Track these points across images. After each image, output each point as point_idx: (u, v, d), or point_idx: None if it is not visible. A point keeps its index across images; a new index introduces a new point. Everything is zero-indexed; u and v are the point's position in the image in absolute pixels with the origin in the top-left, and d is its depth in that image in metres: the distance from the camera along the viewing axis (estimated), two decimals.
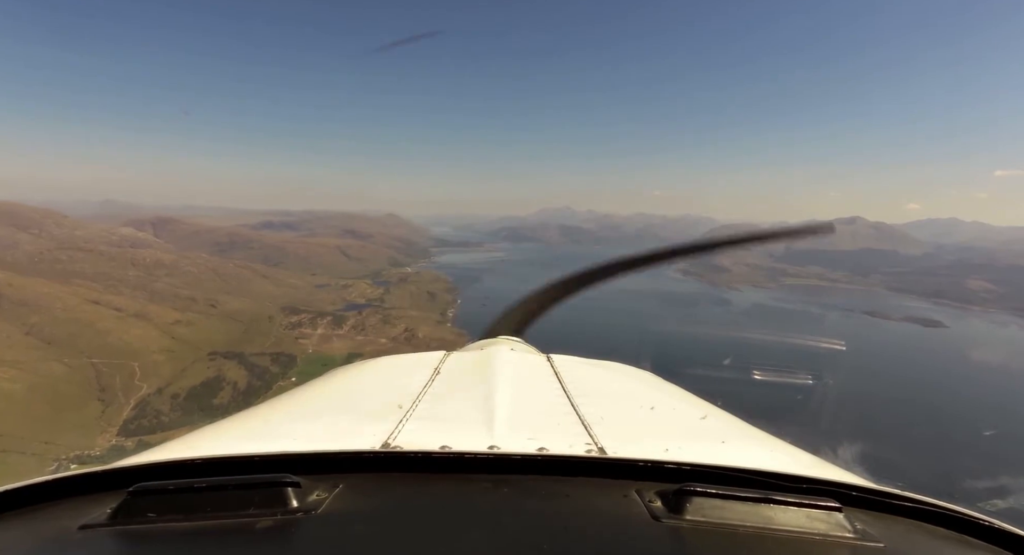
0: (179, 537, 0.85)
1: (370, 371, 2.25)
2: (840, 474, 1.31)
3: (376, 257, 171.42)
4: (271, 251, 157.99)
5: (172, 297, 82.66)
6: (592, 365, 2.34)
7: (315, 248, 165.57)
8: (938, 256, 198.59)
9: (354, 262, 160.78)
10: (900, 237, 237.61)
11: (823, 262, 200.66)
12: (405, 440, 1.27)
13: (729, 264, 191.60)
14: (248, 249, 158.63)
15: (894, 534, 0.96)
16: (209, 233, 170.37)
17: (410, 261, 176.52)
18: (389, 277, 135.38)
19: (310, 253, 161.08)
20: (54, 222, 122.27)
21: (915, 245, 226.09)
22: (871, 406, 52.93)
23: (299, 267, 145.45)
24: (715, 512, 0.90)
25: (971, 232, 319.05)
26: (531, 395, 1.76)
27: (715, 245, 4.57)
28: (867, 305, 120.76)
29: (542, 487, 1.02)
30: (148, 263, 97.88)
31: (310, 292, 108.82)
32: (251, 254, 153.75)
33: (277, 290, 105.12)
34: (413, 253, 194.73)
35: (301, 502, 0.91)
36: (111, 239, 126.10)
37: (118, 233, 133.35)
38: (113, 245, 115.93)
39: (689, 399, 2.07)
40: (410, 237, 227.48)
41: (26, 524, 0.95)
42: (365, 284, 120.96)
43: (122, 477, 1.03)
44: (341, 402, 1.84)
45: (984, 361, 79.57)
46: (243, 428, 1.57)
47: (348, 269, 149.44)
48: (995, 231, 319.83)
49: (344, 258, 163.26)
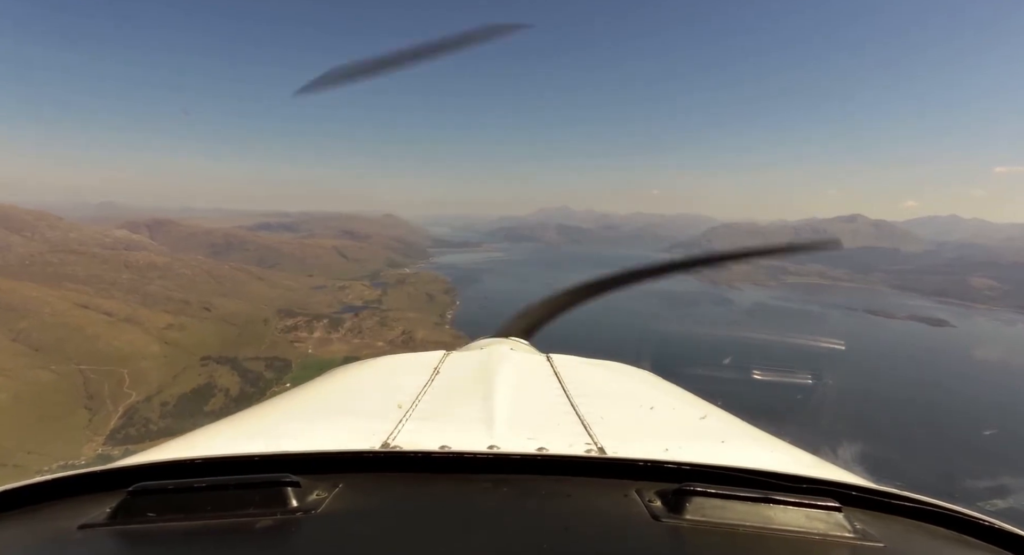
0: (179, 537, 0.85)
1: (370, 371, 2.25)
2: (840, 474, 1.32)
3: (374, 258, 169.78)
4: (267, 253, 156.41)
5: (165, 300, 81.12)
6: (592, 365, 2.34)
7: (312, 249, 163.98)
8: (939, 254, 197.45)
9: (351, 263, 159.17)
10: (901, 235, 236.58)
11: (824, 260, 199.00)
12: (405, 440, 1.28)
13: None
14: (244, 251, 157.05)
15: (894, 534, 0.96)
16: (205, 235, 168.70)
17: (408, 262, 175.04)
18: (387, 278, 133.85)
19: (307, 254, 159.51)
20: (48, 224, 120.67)
21: (916, 243, 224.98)
22: (871, 405, 52.76)
23: (295, 269, 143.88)
24: (715, 512, 0.90)
25: (971, 229, 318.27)
26: (531, 395, 1.77)
27: (726, 257, 4.55)
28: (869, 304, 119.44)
29: (542, 487, 1.03)
30: (141, 265, 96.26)
31: (306, 294, 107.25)
32: (247, 256, 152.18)
33: (273, 292, 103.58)
34: (411, 254, 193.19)
35: (301, 502, 0.91)
36: (105, 242, 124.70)
37: (112, 235, 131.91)
38: (107, 247, 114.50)
39: (689, 399, 2.08)
40: (408, 238, 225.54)
41: (26, 524, 0.95)
42: (362, 285, 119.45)
43: (122, 477, 1.04)
44: (341, 402, 1.85)
45: (987, 360, 78.59)
46: (242, 428, 1.57)
47: (345, 270, 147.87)
48: (995, 228, 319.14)
49: (341, 259, 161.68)
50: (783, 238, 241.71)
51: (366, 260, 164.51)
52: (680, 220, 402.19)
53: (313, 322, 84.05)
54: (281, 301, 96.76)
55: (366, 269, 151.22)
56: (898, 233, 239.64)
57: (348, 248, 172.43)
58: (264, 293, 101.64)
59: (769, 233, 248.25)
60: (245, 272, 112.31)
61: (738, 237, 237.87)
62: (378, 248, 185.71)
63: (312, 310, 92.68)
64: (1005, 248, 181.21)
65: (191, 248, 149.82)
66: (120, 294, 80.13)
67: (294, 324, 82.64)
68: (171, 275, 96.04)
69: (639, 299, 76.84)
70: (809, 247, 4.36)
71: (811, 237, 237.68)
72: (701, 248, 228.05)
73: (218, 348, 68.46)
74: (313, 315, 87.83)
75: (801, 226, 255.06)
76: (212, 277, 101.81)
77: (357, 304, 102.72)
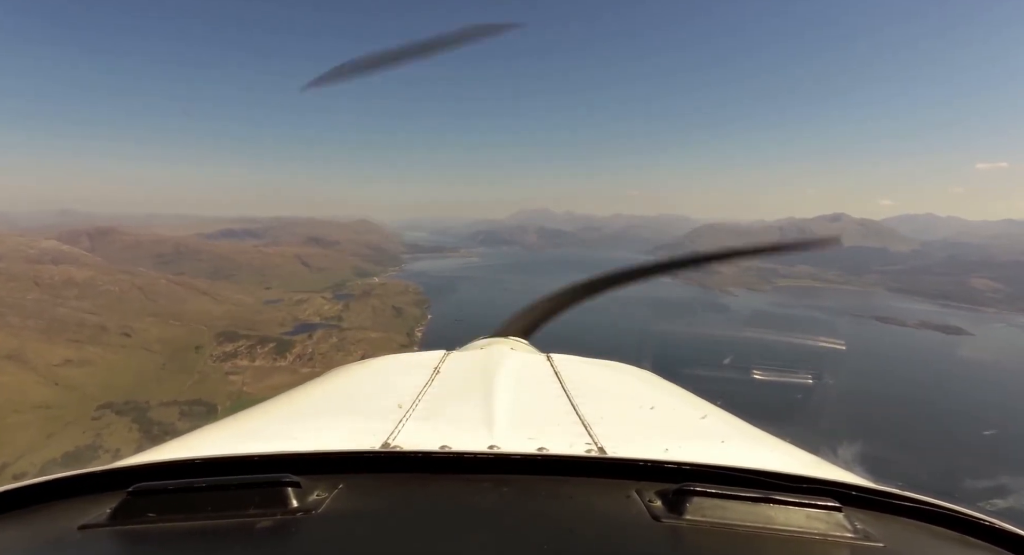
0: (179, 537, 0.85)
1: (370, 371, 2.26)
2: (840, 474, 1.32)
3: (340, 267, 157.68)
4: (222, 263, 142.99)
5: (75, 326, 68.00)
6: (592, 365, 2.35)
7: (272, 258, 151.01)
8: (927, 253, 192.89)
9: (315, 273, 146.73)
10: (888, 234, 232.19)
11: (813, 261, 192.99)
12: (405, 440, 1.28)
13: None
14: (196, 261, 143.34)
15: (894, 534, 0.96)
16: (153, 244, 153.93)
17: (379, 270, 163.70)
18: (352, 289, 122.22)
19: (266, 264, 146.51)
20: None
21: (903, 242, 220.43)
22: (871, 406, 52.22)
23: (252, 280, 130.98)
24: (715, 512, 0.91)
25: (951, 227, 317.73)
26: (531, 395, 1.77)
27: (727, 255, 4.57)
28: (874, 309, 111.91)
29: (542, 487, 1.03)
30: (56, 283, 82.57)
31: (256, 310, 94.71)
32: (198, 266, 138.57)
33: (217, 309, 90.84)
34: (383, 261, 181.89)
35: (301, 502, 0.91)
36: (29, 254, 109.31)
37: (38, 247, 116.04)
38: (30, 261, 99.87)
39: (689, 399, 2.09)
40: (381, 244, 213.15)
41: (25, 524, 0.96)
42: (322, 299, 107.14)
43: (121, 477, 1.04)
44: (341, 402, 1.85)
45: (993, 363, 76.25)
46: (243, 428, 1.57)
47: (307, 281, 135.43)
48: (974, 226, 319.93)
49: (304, 269, 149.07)
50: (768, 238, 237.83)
51: (331, 269, 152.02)
52: (662, 221, 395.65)
53: (257, 347, 71.78)
54: (225, 320, 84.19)
55: (330, 279, 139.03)
56: (885, 232, 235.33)
57: (312, 256, 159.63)
58: (206, 311, 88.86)
59: (753, 233, 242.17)
60: (187, 286, 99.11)
61: (722, 237, 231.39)
62: (347, 256, 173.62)
63: (259, 330, 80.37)
64: (994, 246, 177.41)
65: (135, 259, 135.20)
66: (17, 320, 66.05)
67: (233, 350, 70.29)
68: (92, 293, 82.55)
69: (630, 306, 68.10)
70: (809, 245, 4.37)
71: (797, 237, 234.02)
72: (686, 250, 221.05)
73: (127, 389, 55.74)
74: (259, 337, 75.48)
75: (784, 225, 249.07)
76: (144, 293, 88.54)
77: (313, 321, 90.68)
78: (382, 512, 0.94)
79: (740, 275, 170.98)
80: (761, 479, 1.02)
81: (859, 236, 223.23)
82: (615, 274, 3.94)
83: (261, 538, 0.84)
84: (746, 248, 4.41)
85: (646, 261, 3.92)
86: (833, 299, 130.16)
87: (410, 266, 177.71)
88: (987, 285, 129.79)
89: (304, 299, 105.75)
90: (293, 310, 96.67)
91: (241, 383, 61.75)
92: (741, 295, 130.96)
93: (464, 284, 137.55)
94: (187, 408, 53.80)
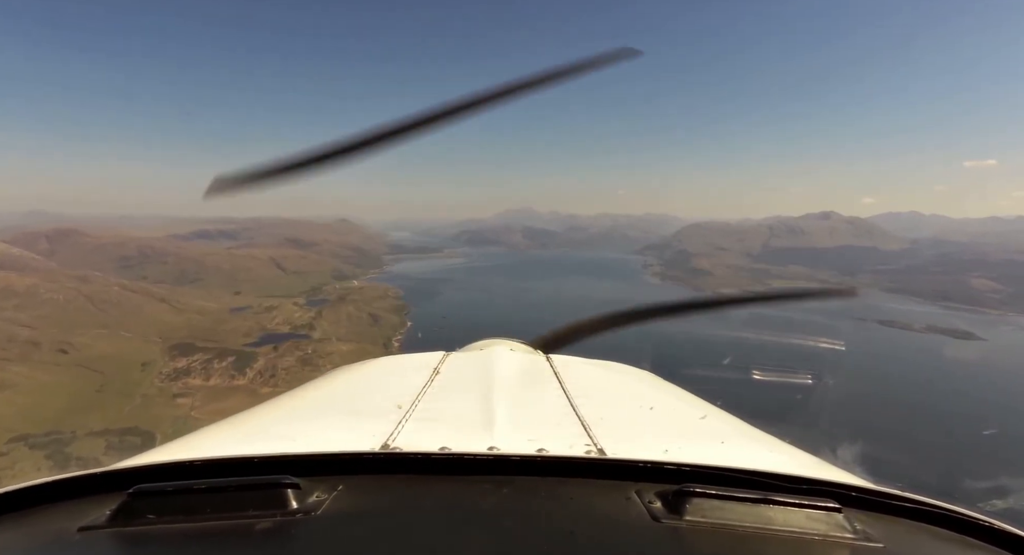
0: (179, 539, 0.86)
1: (370, 371, 2.25)
2: (840, 474, 1.32)
3: (318, 269, 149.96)
4: (190, 266, 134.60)
5: (3, 342, 60.31)
6: (592, 365, 2.35)
7: (245, 261, 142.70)
8: (918, 252, 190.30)
9: (290, 276, 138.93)
10: (878, 232, 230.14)
11: (804, 261, 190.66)
12: (405, 441, 1.28)
13: (708, 266, 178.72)
14: (161, 264, 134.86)
15: (894, 534, 0.96)
16: (117, 246, 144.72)
17: (358, 272, 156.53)
18: (328, 293, 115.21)
19: (238, 267, 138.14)
20: None
21: (892, 240, 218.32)
22: (871, 406, 51.96)
23: (221, 284, 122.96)
24: (715, 513, 0.91)
25: (935, 225, 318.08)
26: (530, 395, 1.76)
27: (745, 300, 4.70)
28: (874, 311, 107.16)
29: (542, 488, 1.03)
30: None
31: (219, 319, 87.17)
32: (163, 270, 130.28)
33: (175, 319, 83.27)
34: (364, 262, 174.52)
35: (300, 503, 0.92)
36: None
37: None
38: None
39: (689, 399, 2.11)
40: (362, 245, 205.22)
41: (25, 526, 0.96)
42: (294, 305, 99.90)
43: (121, 479, 1.04)
44: (340, 403, 1.85)
45: (994, 364, 74.88)
46: (242, 429, 1.58)
47: (281, 285, 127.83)
48: (958, 223, 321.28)
49: (279, 272, 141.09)
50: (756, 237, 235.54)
51: (308, 272, 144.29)
52: (648, 220, 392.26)
53: (214, 361, 64.66)
54: (183, 331, 76.74)
55: (306, 283, 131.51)
56: (875, 230, 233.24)
57: (288, 258, 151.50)
58: (163, 320, 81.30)
59: (741, 232, 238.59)
60: (144, 293, 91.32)
61: (709, 236, 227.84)
62: (325, 257, 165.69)
63: (220, 341, 73.17)
64: (982, 244, 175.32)
65: (94, 263, 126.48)
66: None
67: (186, 367, 63.11)
68: (33, 303, 74.55)
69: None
70: (825, 293, 4.57)
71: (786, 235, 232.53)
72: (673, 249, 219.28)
73: (51, 417, 48.33)
74: (218, 350, 68.34)
75: (773, 224, 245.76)
76: (93, 302, 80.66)
77: (281, 331, 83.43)
78: (382, 513, 0.95)
79: (731, 275, 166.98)
80: (761, 480, 1.02)
81: (850, 235, 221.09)
82: (647, 308, 3.86)
83: (261, 539, 0.84)
84: (766, 294, 4.27)
85: (675, 300, 3.79)
86: (830, 301, 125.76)
87: (392, 268, 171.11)
88: (987, 285, 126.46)
89: (274, 305, 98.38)
90: (260, 318, 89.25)
91: (189, 407, 54.53)
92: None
93: (447, 288, 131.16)
94: (117, 439, 46.31)
